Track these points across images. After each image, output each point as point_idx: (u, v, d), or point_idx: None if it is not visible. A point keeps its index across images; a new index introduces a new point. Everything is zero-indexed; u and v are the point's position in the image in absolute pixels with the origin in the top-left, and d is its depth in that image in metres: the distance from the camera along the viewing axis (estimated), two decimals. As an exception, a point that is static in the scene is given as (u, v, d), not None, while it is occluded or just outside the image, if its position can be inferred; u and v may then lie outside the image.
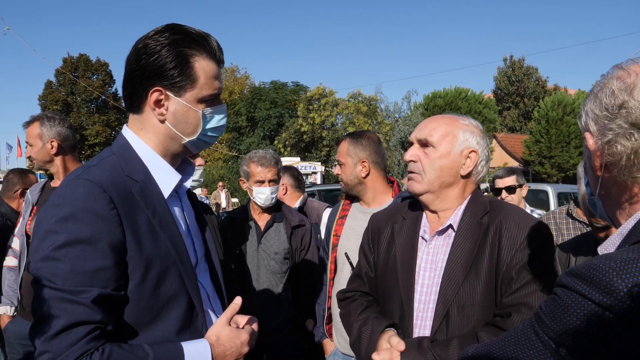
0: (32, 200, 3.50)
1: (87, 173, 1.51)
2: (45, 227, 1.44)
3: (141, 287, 1.51)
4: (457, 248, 1.92)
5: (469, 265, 1.88)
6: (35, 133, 3.37)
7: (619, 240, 1.18)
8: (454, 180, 2.00)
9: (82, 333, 1.36)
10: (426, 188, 2.00)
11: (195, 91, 1.63)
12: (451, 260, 1.91)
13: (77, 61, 44.19)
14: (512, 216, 1.95)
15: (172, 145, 1.69)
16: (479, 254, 1.89)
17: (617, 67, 1.20)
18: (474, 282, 1.86)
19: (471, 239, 1.92)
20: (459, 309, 1.85)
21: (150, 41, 1.60)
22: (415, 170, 2.02)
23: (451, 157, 1.98)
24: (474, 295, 1.85)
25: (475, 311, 1.84)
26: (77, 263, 1.40)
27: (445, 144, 1.98)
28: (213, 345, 1.59)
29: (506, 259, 1.87)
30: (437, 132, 1.99)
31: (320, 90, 30.81)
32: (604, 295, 1.00)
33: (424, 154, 2.00)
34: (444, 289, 1.88)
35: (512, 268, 1.85)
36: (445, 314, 1.86)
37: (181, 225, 1.70)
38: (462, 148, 1.99)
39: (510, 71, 54.52)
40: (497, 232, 1.91)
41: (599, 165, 1.20)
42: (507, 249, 1.88)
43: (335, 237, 3.23)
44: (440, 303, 1.87)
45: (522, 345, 1.16)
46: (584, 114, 1.24)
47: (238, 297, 1.72)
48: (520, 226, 1.91)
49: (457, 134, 1.99)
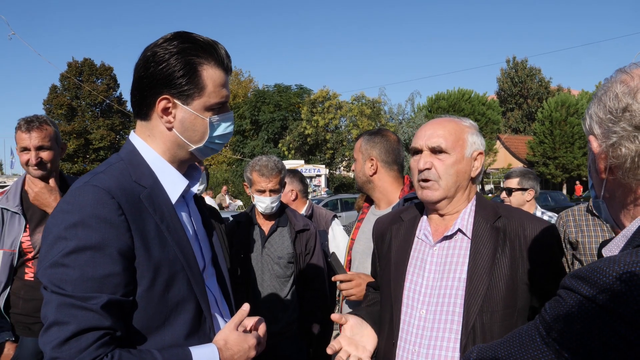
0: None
1: (96, 179, 1.52)
2: (55, 233, 1.45)
3: (150, 292, 1.51)
4: (478, 254, 1.92)
5: (492, 272, 1.88)
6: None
7: (623, 242, 1.19)
8: (467, 183, 2.03)
9: (92, 339, 1.36)
10: (444, 194, 2.00)
11: (202, 99, 1.64)
12: (473, 266, 1.91)
13: (81, 65, 44.39)
14: (528, 221, 1.97)
15: (180, 152, 1.70)
16: (500, 260, 1.90)
17: (621, 71, 1.22)
18: (498, 289, 1.87)
19: (490, 245, 1.92)
20: (484, 315, 1.85)
21: (159, 49, 1.61)
22: (430, 177, 2.00)
23: (464, 161, 2.00)
24: (498, 302, 1.86)
25: (499, 317, 1.85)
26: (86, 269, 1.41)
27: (459, 148, 2.00)
28: (221, 350, 1.60)
29: (531, 265, 1.89)
30: (448, 139, 2.00)
31: (323, 93, 30.86)
32: (607, 297, 1.01)
33: (439, 161, 2.00)
34: (470, 295, 1.87)
35: (540, 275, 1.88)
36: (473, 321, 1.85)
37: (188, 231, 1.71)
38: (472, 151, 2.02)
39: (513, 72, 54.52)
40: (516, 238, 1.93)
41: (603, 168, 1.22)
42: (529, 255, 1.90)
43: (352, 240, 3.21)
44: (467, 310, 1.87)
45: (526, 347, 1.17)
46: (588, 118, 1.26)
47: (246, 304, 1.73)
48: (539, 231, 1.93)
49: (466, 137, 2.01)
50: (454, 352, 1.86)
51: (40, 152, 3.16)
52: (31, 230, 3.16)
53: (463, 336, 1.85)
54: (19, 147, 3.16)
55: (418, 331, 1.95)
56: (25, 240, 3.14)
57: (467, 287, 1.89)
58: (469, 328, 1.85)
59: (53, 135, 3.22)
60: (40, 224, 3.16)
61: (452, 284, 1.93)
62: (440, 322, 1.92)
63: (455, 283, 1.92)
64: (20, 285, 3.15)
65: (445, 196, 2.01)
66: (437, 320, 1.92)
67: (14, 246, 3.12)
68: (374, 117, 29.26)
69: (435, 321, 1.92)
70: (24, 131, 3.14)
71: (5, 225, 3.14)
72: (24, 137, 3.13)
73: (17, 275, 3.17)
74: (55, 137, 3.24)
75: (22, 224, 3.14)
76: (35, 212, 3.19)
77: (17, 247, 3.12)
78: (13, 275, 3.15)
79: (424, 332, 1.93)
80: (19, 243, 3.12)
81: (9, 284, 3.14)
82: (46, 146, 3.18)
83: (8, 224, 3.15)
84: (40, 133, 3.16)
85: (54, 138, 3.22)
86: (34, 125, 3.15)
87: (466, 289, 1.89)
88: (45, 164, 3.18)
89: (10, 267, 3.13)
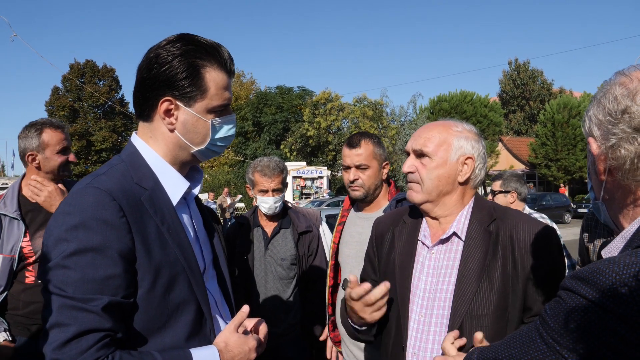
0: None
1: (97, 181, 1.52)
2: (56, 235, 1.45)
3: (150, 294, 1.51)
4: (469, 257, 1.92)
5: (482, 275, 1.88)
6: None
7: (622, 243, 1.20)
8: (452, 187, 2.01)
9: (93, 341, 1.37)
10: (425, 198, 2.01)
11: (205, 102, 1.64)
12: (463, 269, 1.91)
13: (83, 67, 44.47)
14: (521, 224, 1.95)
15: (181, 153, 1.71)
16: (491, 263, 1.89)
17: (620, 74, 1.23)
18: (487, 292, 1.86)
19: (481, 248, 1.92)
20: (472, 318, 1.84)
21: (162, 51, 1.61)
22: (413, 180, 2.03)
23: (447, 165, 1.99)
24: (487, 305, 1.85)
25: (489, 321, 1.84)
26: (87, 271, 1.41)
27: (441, 153, 1.99)
28: (222, 352, 1.60)
29: (522, 268, 1.88)
30: (431, 142, 2.00)
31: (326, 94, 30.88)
32: (607, 298, 1.01)
33: (421, 165, 2.01)
34: (458, 298, 1.87)
35: (532, 277, 1.87)
36: (460, 323, 1.85)
37: (189, 232, 1.72)
38: (457, 155, 1.99)
39: (515, 74, 54.54)
40: (508, 241, 1.92)
41: (603, 170, 1.23)
42: (521, 258, 1.89)
43: (334, 244, 3.19)
44: (453, 313, 1.87)
45: (527, 348, 1.18)
46: (588, 120, 1.27)
47: (245, 306, 1.72)
48: (530, 234, 1.92)
49: (452, 141, 1.99)
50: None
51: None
52: (31, 234, 3.14)
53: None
54: (56, 148, 3.19)
55: (416, 334, 1.95)
56: (25, 245, 3.12)
57: (455, 290, 1.89)
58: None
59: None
60: (41, 228, 3.14)
61: (445, 287, 1.93)
62: (431, 325, 1.92)
63: (448, 287, 1.93)
64: (20, 288, 3.14)
65: (426, 199, 2.01)
66: (429, 324, 1.93)
67: (13, 251, 3.10)
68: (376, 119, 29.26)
69: (430, 324, 1.93)
70: (62, 132, 3.22)
71: (3, 230, 3.11)
72: (63, 137, 3.22)
73: (17, 279, 3.15)
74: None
75: (21, 229, 3.12)
76: (35, 217, 3.17)
77: (17, 252, 3.10)
78: (13, 279, 3.13)
79: (421, 335, 1.94)
80: (19, 248, 3.10)
81: (8, 289, 3.12)
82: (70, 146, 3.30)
83: (7, 229, 3.12)
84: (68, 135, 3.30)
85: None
86: (65, 126, 3.28)
87: (454, 292, 1.89)
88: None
89: (10, 272, 3.10)
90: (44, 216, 3.14)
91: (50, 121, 3.23)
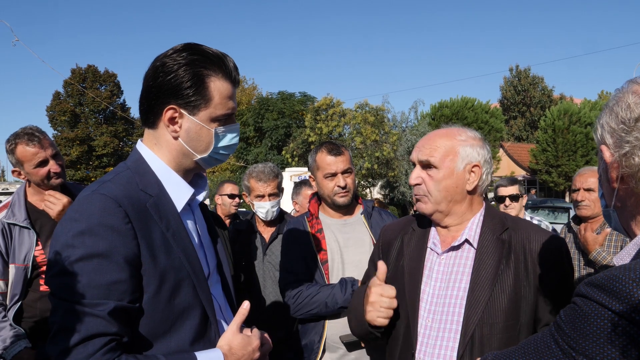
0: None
1: (103, 188, 1.55)
2: (63, 241, 1.48)
3: (156, 299, 1.54)
4: (482, 264, 1.91)
5: (495, 282, 1.88)
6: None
7: (635, 250, 1.20)
8: (461, 197, 2.00)
9: (99, 345, 1.39)
10: (434, 209, 2.00)
11: (209, 110, 1.66)
12: (476, 276, 1.90)
13: (85, 72, 44.42)
14: (534, 234, 1.96)
15: (185, 161, 1.72)
16: (503, 272, 1.89)
17: (632, 82, 1.24)
18: (500, 300, 1.86)
19: (494, 256, 1.92)
20: (484, 326, 1.84)
21: (168, 60, 1.64)
22: (421, 192, 2.02)
23: (455, 176, 1.97)
24: (499, 313, 1.85)
25: (499, 329, 1.84)
26: (93, 276, 1.43)
27: (448, 163, 1.97)
28: (226, 355, 1.61)
29: (535, 278, 1.88)
30: (437, 153, 1.98)
31: (327, 100, 30.86)
32: (623, 305, 1.02)
33: (428, 176, 1.99)
34: (471, 305, 1.87)
35: (544, 288, 1.88)
36: (472, 331, 1.85)
37: (194, 238, 1.73)
38: (464, 164, 1.98)
39: (516, 81, 54.56)
40: (521, 250, 1.93)
41: (615, 177, 1.23)
42: (533, 268, 1.90)
43: (324, 251, 3.05)
44: (466, 320, 1.86)
45: (542, 353, 1.18)
46: (600, 127, 1.27)
47: (246, 302, 1.72)
48: (543, 245, 1.93)
49: (458, 150, 1.98)
50: None
51: (57, 159, 3.11)
52: (43, 242, 3.10)
53: (461, 346, 1.85)
54: (32, 163, 3.03)
55: (423, 340, 1.94)
56: (39, 253, 3.08)
57: (468, 297, 1.89)
58: (467, 338, 1.84)
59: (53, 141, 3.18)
60: (52, 235, 3.10)
61: (455, 293, 1.93)
62: (440, 330, 1.92)
63: (458, 292, 1.92)
64: (36, 296, 3.10)
65: (436, 210, 2.01)
66: (439, 329, 1.92)
67: (26, 260, 3.06)
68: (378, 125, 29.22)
69: (439, 330, 1.92)
70: (34, 146, 3.02)
71: (14, 240, 3.07)
72: (35, 150, 3.02)
73: (32, 288, 3.11)
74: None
75: (32, 237, 3.08)
76: (45, 224, 3.14)
77: (30, 261, 3.06)
78: (27, 288, 3.09)
79: (429, 340, 1.93)
80: (32, 257, 3.06)
81: (23, 297, 3.08)
82: (56, 152, 3.12)
83: (18, 238, 3.08)
84: (48, 142, 3.08)
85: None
86: (39, 136, 3.06)
87: (467, 298, 1.89)
88: (63, 170, 3.14)
89: (24, 281, 3.07)
90: (54, 223, 3.07)
91: (24, 134, 3.05)
